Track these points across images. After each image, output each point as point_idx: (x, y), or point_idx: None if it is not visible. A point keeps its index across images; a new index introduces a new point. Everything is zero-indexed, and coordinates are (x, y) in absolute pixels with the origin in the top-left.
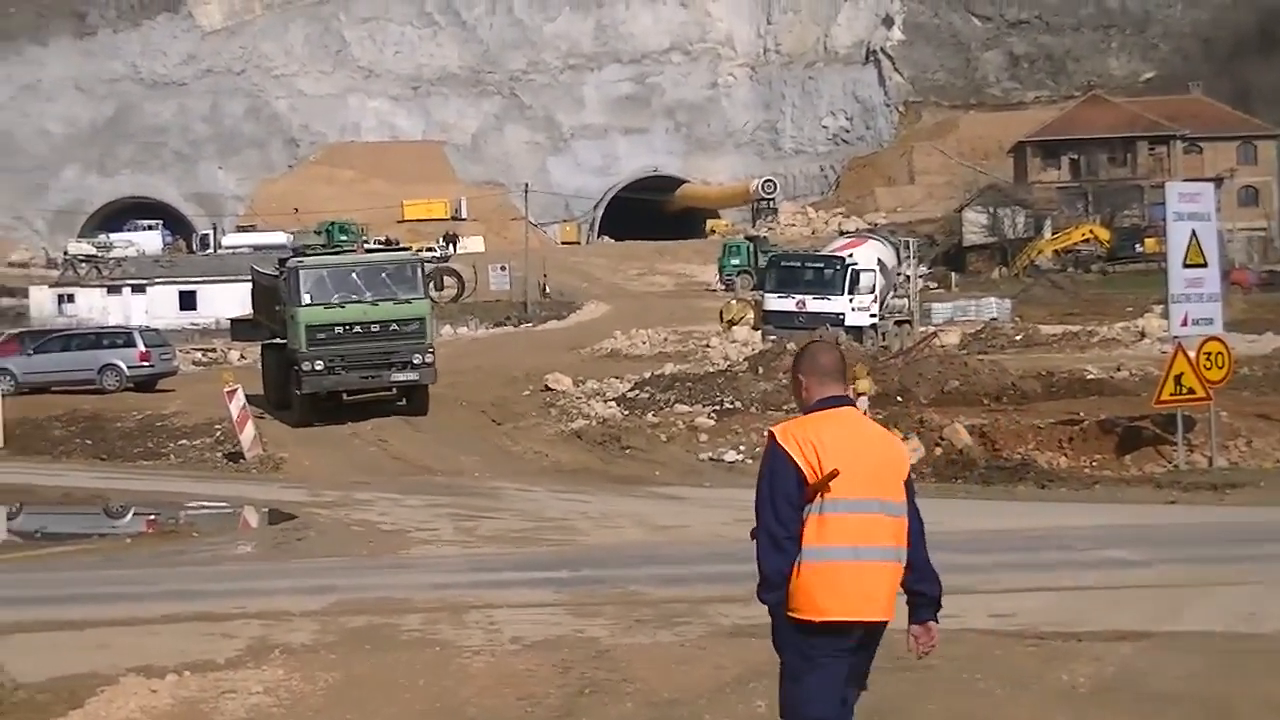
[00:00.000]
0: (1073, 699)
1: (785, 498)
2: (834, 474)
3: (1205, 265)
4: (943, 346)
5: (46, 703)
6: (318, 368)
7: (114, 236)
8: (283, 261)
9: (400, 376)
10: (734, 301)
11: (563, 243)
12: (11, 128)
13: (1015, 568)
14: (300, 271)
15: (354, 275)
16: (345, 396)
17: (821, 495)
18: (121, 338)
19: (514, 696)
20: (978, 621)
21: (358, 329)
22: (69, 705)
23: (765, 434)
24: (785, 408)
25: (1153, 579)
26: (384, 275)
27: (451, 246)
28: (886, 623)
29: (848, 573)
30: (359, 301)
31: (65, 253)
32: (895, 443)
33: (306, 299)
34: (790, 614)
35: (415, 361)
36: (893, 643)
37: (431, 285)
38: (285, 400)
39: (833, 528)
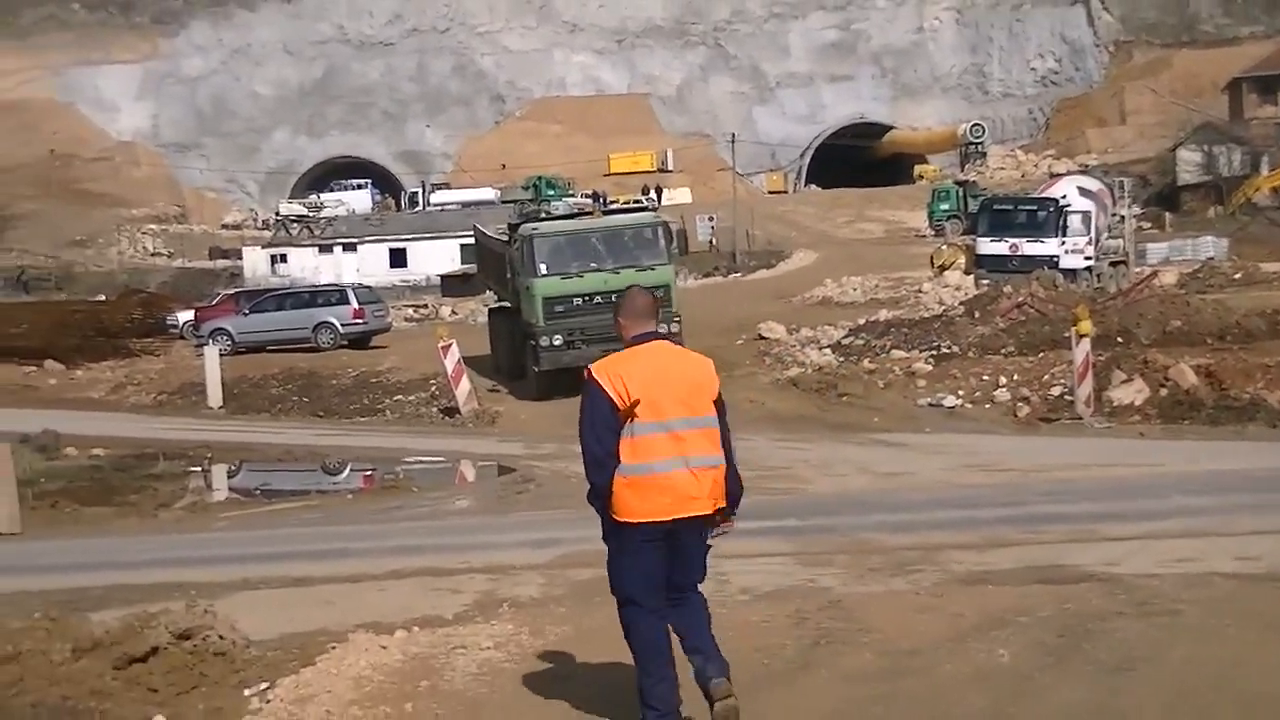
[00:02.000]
0: None
1: (602, 423)
2: (637, 401)
3: None
4: (1162, 287)
5: (278, 660)
6: (556, 343)
7: (324, 196)
8: (513, 227)
9: None
10: (945, 247)
11: (769, 192)
12: (223, 92)
13: (1257, 509)
14: (534, 240)
15: (592, 241)
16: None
17: (632, 419)
18: (335, 296)
19: (750, 649)
20: (1222, 565)
21: (598, 299)
22: (301, 662)
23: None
24: (1003, 350)
25: None
26: (625, 240)
27: (657, 198)
28: (706, 515)
29: (659, 482)
30: (598, 270)
31: (277, 213)
32: (702, 367)
33: (542, 269)
34: (611, 516)
35: (661, 332)
36: (1136, 588)
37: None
38: (518, 369)
39: (646, 446)
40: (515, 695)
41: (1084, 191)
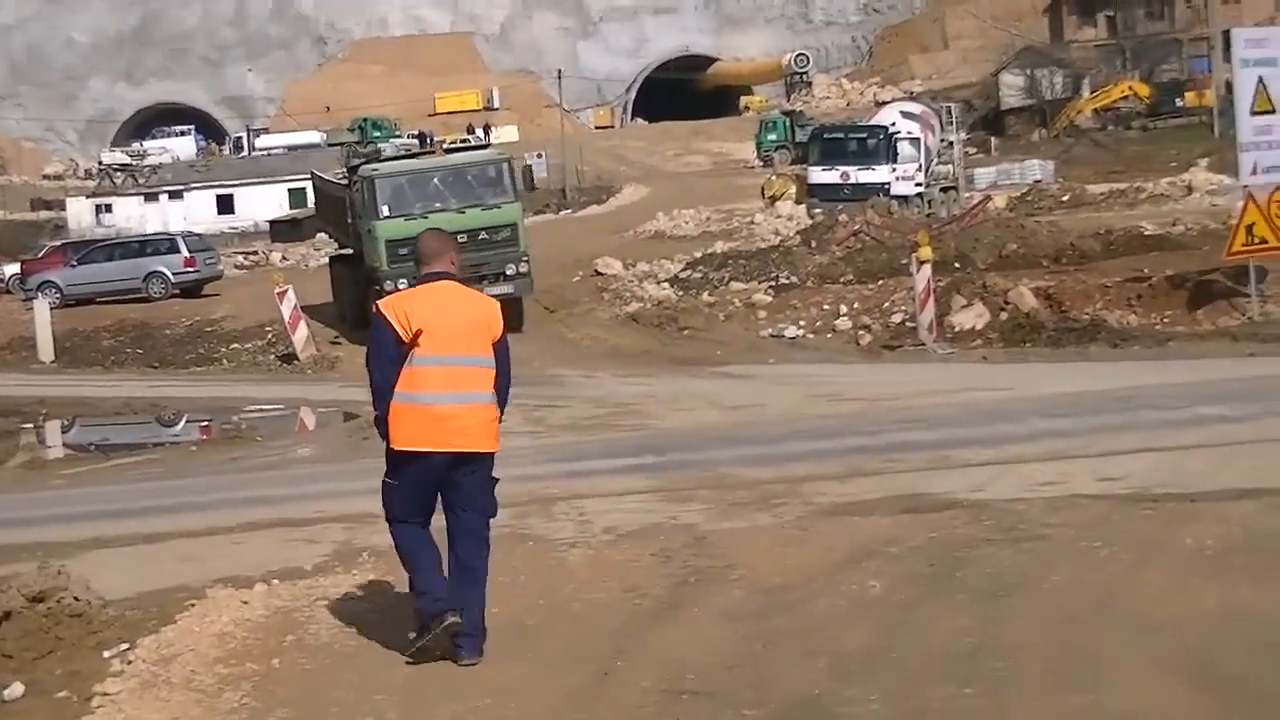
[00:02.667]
0: (1203, 562)
1: (386, 354)
2: (419, 333)
3: (1274, 112)
4: (996, 210)
5: (138, 619)
6: (401, 286)
7: (147, 144)
8: (352, 169)
9: (494, 290)
10: (774, 177)
11: (597, 127)
12: (39, 40)
13: (1113, 430)
14: (376, 181)
15: (436, 181)
16: None
17: (412, 352)
18: (165, 245)
19: (619, 589)
20: (1086, 487)
21: None
22: (160, 621)
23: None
24: (842, 279)
25: (1252, 434)
26: (469, 178)
27: (486, 137)
28: (477, 453)
29: (429, 414)
30: (443, 210)
31: (99, 163)
32: (486, 308)
33: (385, 211)
34: (388, 442)
35: (509, 273)
36: (1003, 513)
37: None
38: (362, 318)
39: (420, 378)
40: (383, 646)
41: (912, 117)
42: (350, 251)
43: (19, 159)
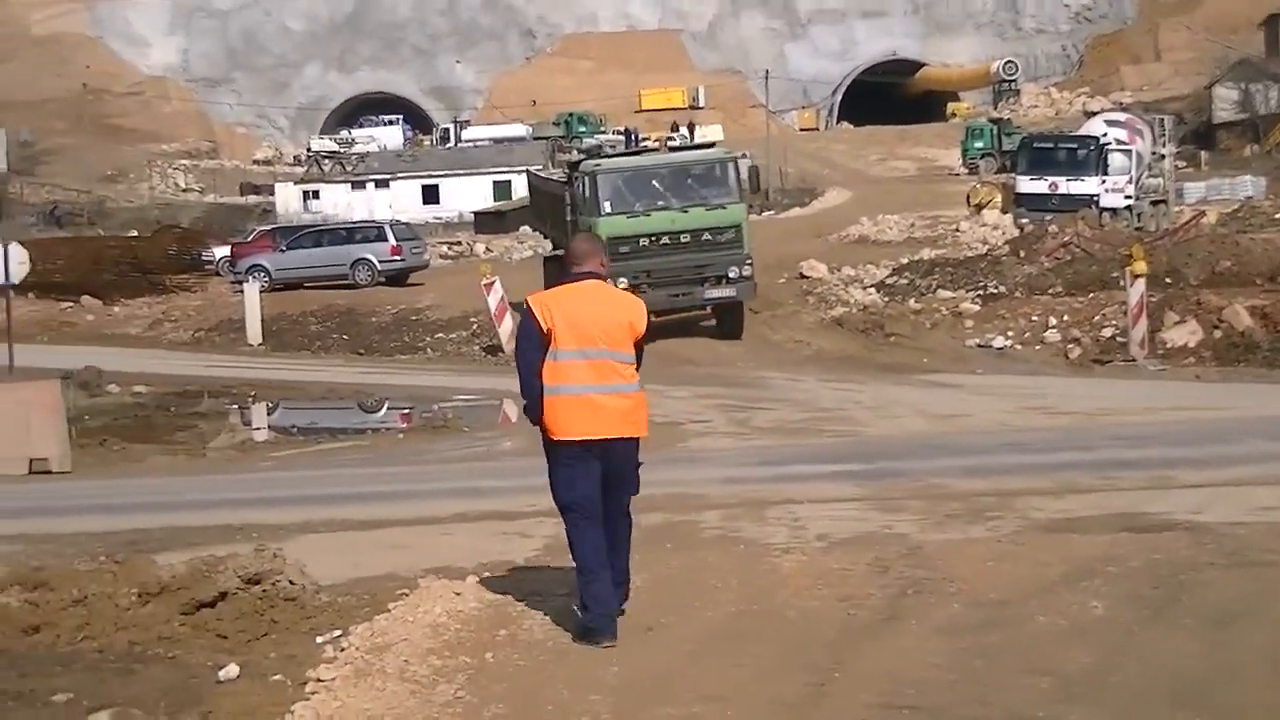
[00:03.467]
0: None
1: (531, 345)
2: (562, 327)
3: None
4: (1209, 226)
5: (350, 606)
6: (620, 286)
7: (356, 132)
8: (573, 165)
9: (715, 293)
10: (980, 185)
11: (801, 129)
12: (254, 27)
13: None
14: (597, 176)
15: (659, 178)
16: (652, 317)
17: (554, 346)
18: (373, 232)
19: (833, 598)
20: None
21: (665, 240)
22: (373, 609)
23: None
24: (1051, 290)
25: None
26: (693, 176)
27: (690, 135)
28: (628, 439)
29: (575, 404)
30: (665, 208)
31: (309, 149)
32: (629, 307)
33: (606, 207)
34: (546, 433)
35: (732, 275)
36: (1225, 537)
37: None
38: None
39: (564, 371)
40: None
41: (1122, 128)
42: (559, 253)
43: (231, 144)
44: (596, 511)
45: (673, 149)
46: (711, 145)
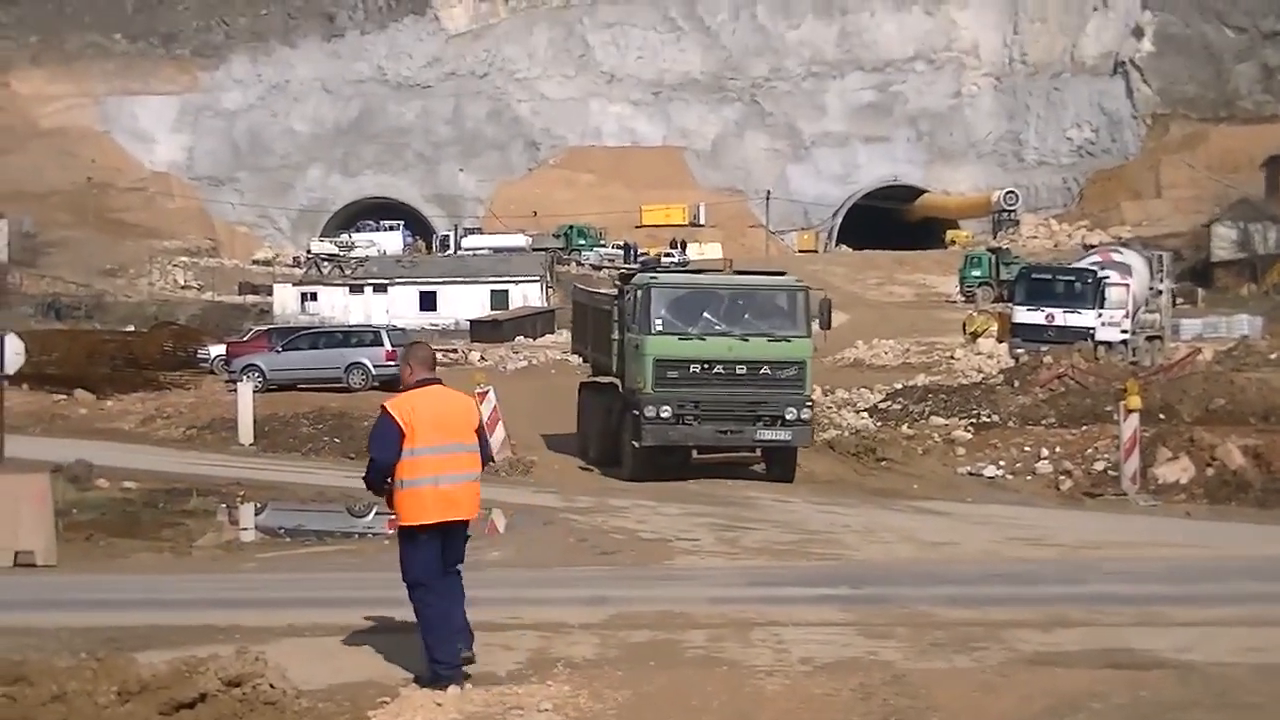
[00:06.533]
0: None
1: (391, 442)
2: (416, 426)
3: None
4: (1205, 364)
5: (329, 713)
6: (664, 415)
7: (356, 236)
8: (625, 278)
9: (768, 435)
10: (977, 313)
11: (800, 250)
12: (260, 127)
13: None
14: (652, 290)
15: (721, 300)
16: (695, 454)
17: (411, 444)
18: (369, 336)
19: None
20: None
21: (719, 369)
22: (352, 716)
23: (382, 410)
24: (1044, 421)
25: None
26: (759, 303)
27: (683, 253)
28: (468, 521)
29: (430, 494)
30: (724, 334)
31: (308, 251)
32: (468, 405)
33: (658, 325)
34: (399, 521)
35: (789, 417)
36: (1212, 678)
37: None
38: (610, 453)
39: (420, 466)
40: None
41: (1120, 264)
42: (604, 380)
43: (232, 242)
44: (440, 583)
45: (737, 272)
46: (781, 273)
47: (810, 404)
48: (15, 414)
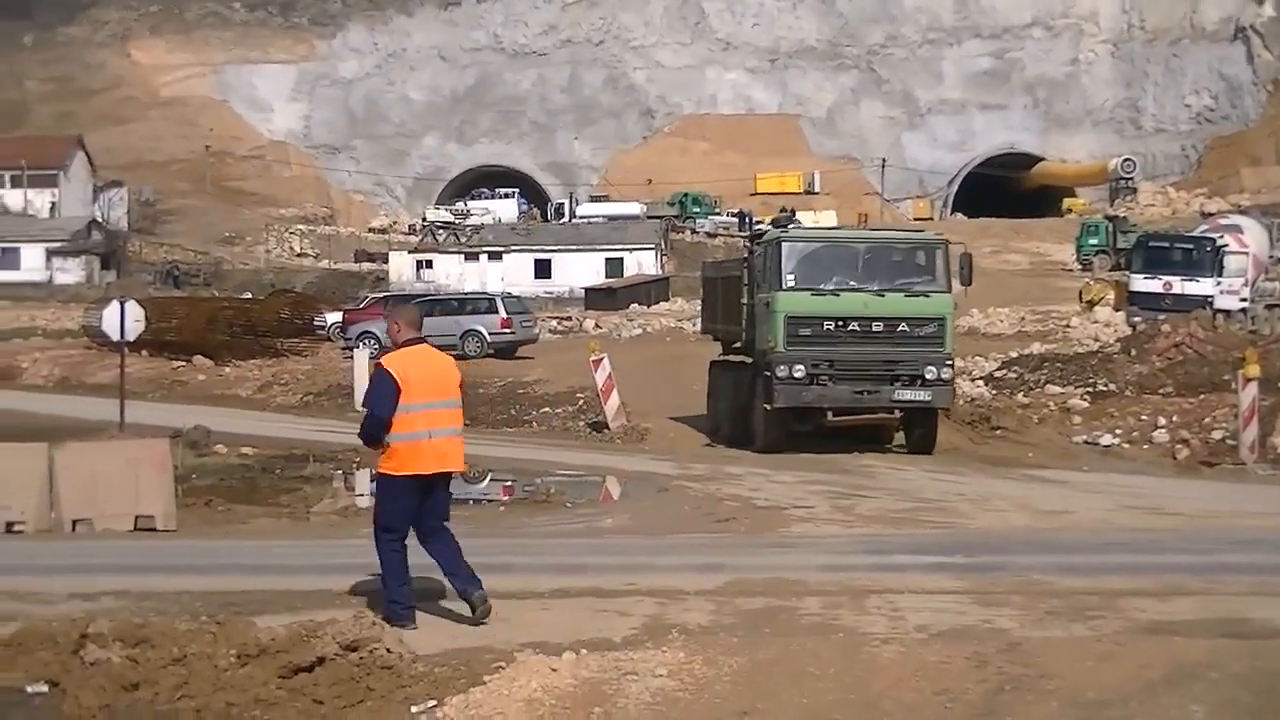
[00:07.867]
0: None
1: (388, 396)
2: (409, 383)
3: None
4: None
5: (446, 677)
6: (797, 374)
7: (471, 204)
8: (755, 237)
9: (906, 394)
10: (1093, 282)
11: (915, 219)
12: (377, 96)
13: None
14: (783, 245)
15: (855, 255)
16: (829, 416)
17: (406, 400)
18: (484, 304)
19: (930, 691)
20: None
21: (853, 326)
22: (469, 681)
23: (379, 367)
24: (1161, 390)
25: None
26: (895, 258)
27: (792, 219)
28: (453, 472)
29: (426, 447)
30: (858, 289)
31: (424, 219)
32: (451, 364)
33: (789, 280)
34: (385, 472)
35: (929, 376)
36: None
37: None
38: (742, 431)
39: (415, 420)
40: None
41: (1240, 231)
42: (733, 356)
43: (348, 210)
44: (406, 532)
45: (872, 229)
46: (918, 230)
47: (951, 363)
48: (135, 380)
